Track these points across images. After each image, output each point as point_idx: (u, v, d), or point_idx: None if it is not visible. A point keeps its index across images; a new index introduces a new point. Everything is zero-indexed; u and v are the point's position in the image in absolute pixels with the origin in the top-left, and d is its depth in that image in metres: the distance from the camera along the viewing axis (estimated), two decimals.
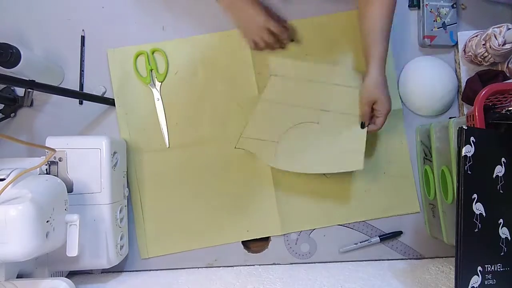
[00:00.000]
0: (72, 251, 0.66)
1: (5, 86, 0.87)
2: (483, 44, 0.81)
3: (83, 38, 0.90)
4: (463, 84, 0.87)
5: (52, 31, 0.90)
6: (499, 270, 0.63)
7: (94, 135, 0.88)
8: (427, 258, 0.87)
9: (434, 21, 0.87)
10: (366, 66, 0.78)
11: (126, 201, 0.85)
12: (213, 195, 0.88)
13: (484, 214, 0.62)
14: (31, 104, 0.88)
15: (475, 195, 0.62)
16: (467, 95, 0.85)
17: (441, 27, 0.87)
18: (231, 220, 0.87)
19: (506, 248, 0.64)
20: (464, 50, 0.87)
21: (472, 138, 0.62)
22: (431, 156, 0.81)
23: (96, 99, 0.85)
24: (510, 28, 0.78)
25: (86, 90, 0.89)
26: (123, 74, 0.89)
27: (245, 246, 0.88)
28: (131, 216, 0.87)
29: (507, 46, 0.79)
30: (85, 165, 0.76)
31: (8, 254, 0.57)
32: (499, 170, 0.65)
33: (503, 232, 0.64)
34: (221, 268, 0.87)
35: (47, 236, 0.60)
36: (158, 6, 0.89)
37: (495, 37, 0.79)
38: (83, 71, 0.90)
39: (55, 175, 0.74)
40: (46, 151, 0.72)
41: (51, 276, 0.76)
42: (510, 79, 0.83)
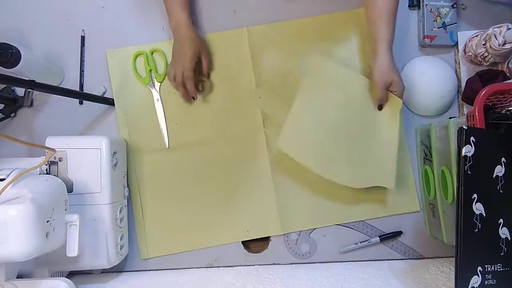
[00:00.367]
0: (72, 251, 0.66)
1: (5, 86, 0.87)
2: (483, 44, 0.81)
3: (83, 38, 0.90)
4: (463, 84, 0.87)
5: (52, 31, 0.90)
6: (499, 270, 0.63)
7: (94, 135, 0.88)
8: (427, 258, 0.87)
9: (434, 21, 0.87)
10: (375, 51, 0.78)
11: (126, 201, 0.85)
12: (213, 195, 0.88)
13: (484, 214, 0.62)
14: (31, 104, 0.88)
15: (475, 195, 0.62)
16: (467, 95, 0.85)
17: (441, 27, 0.87)
18: (231, 220, 0.87)
19: (506, 248, 0.64)
20: (464, 50, 0.87)
21: (472, 138, 0.62)
22: (431, 156, 0.81)
23: (96, 99, 0.85)
24: (510, 28, 0.78)
25: (86, 90, 0.89)
26: (123, 74, 0.89)
27: (245, 246, 0.88)
28: (131, 216, 0.87)
29: (507, 46, 0.79)
30: (85, 165, 0.76)
31: (8, 254, 0.57)
32: (499, 170, 0.65)
33: (503, 232, 0.64)
34: (221, 268, 0.87)
35: (47, 236, 0.60)
36: (158, 6, 0.89)
37: (495, 37, 0.79)
38: (83, 71, 0.90)
39: (55, 175, 0.74)
40: (46, 151, 0.72)
41: (51, 276, 0.76)
42: (510, 79, 0.83)
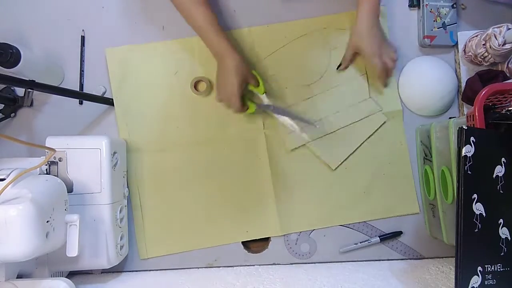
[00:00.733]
0: (72, 251, 0.66)
1: (5, 86, 0.87)
2: (483, 44, 0.81)
3: (83, 38, 0.90)
4: (463, 84, 0.87)
5: (52, 31, 0.90)
6: (499, 270, 0.63)
7: (94, 135, 0.88)
8: (427, 258, 0.87)
9: (434, 21, 0.87)
10: (356, 13, 0.81)
11: (126, 201, 0.85)
12: (212, 196, 0.88)
13: (484, 214, 0.62)
14: (31, 104, 0.88)
15: (475, 195, 0.62)
16: (467, 95, 0.85)
17: (441, 27, 0.87)
18: (230, 220, 0.87)
19: (506, 248, 0.64)
20: (464, 50, 0.87)
21: (472, 138, 0.62)
22: (431, 156, 0.81)
23: (96, 99, 0.85)
24: (510, 28, 0.78)
25: (86, 90, 0.89)
26: (122, 73, 0.88)
27: (245, 247, 0.88)
28: (131, 216, 0.87)
29: (507, 46, 0.79)
30: (85, 165, 0.76)
31: (8, 254, 0.57)
32: (499, 170, 0.65)
33: (503, 232, 0.64)
34: (221, 268, 0.87)
35: (47, 236, 0.60)
36: (158, 6, 0.89)
37: (495, 37, 0.79)
38: (83, 71, 0.90)
39: (55, 175, 0.74)
40: (46, 151, 0.72)
41: (51, 276, 0.76)
42: (510, 79, 0.83)
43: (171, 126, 0.88)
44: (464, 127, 0.62)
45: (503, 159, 0.65)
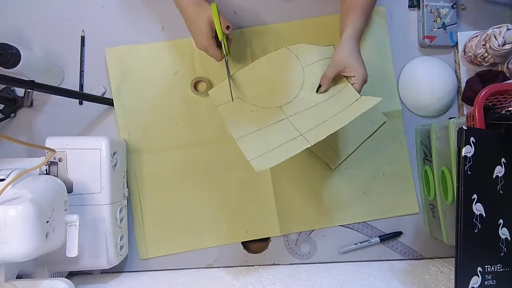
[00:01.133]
0: (72, 251, 0.66)
1: (5, 86, 0.87)
2: (483, 45, 0.82)
3: (83, 38, 0.90)
4: (463, 85, 0.87)
5: (52, 31, 0.90)
6: (499, 270, 0.63)
7: (94, 135, 0.88)
8: (427, 259, 0.87)
9: (434, 21, 0.87)
10: (340, 36, 0.76)
11: (126, 201, 0.85)
12: (212, 196, 0.88)
13: (484, 215, 0.62)
14: (31, 104, 0.88)
15: (475, 196, 0.62)
16: (467, 96, 0.86)
17: (441, 28, 0.87)
18: (230, 221, 0.87)
19: (506, 249, 0.64)
20: (464, 51, 0.87)
21: (472, 139, 0.62)
22: (431, 157, 0.81)
23: (96, 99, 0.85)
24: (510, 29, 0.78)
25: (86, 90, 0.89)
26: (122, 73, 0.88)
27: (244, 247, 0.88)
28: (131, 217, 0.87)
29: (507, 47, 0.79)
30: (85, 165, 0.76)
31: (8, 254, 0.57)
32: (499, 171, 0.65)
33: (503, 232, 0.64)
34: (221, 268, 0.87)
35: (47, 237, 0.60)
36: (158, 6, 0.89)
37: (495, 37, 0.79)
38: (83, 71, 0.90)
39: (55, 176, 0.74)
40: (46, 151, 0.72)
41: (51, 277, 0.76)
42: (510, 79, 0.83)
43: (171, 126, 0.88)
44: (464, 127, 0.62)
45: (503, 159, 0.65)
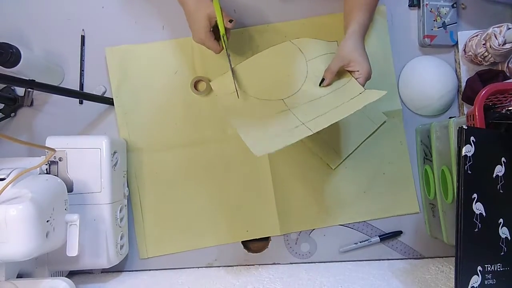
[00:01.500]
0: (72, 251, 0.66)
1: (5, 86, 0.87)
2: (483, 44, 0.81)
3: (83, 38, 0.90)
4: (463, 84, 0.87)
5: (52, 31, 0.90)
6: (499, 270, 0.63)
7: (94, 135, 0.88)
8: (427, 258, 0.87)
9: (434, 20, 0.87)
10: (344, 32, 0.76)
11: (126, 200, 0.85)
12: (212, 195, 0.88)
13: (484, 214, 0.62)
14: (31, 104, 0.88)
15: (475, 195, 0.62)
16: (467, 95, 0.85)
17: (441, 27, 0.87)
18: (230, 220, 0.87)
19: (506, 248, 0.64)
20: (464, 50, 0.87)
21: (472, 138, 0.62)
22: (431, 156, 0.81)
23: (96, 99, 0.85)
24: (510, 28, 0.78)
25: (86, 90, 0.89)
26: (122, 73, 0.88)
27: (245, 246, 0.88)
28: (131, 216, 0.87)
29: (507, 46, 0.79)
30: (85, 165, 0.76)
31: (8, 254, 0.57)
32: (499, 170, 0.65)
33: (503, 232, 0.64)
34: (221, 268, 0.87)
35: (47, 236, 0.60)
36: (158, 6, 0.89)
37: (495, 36, 0.79)
38: (83, 71, 0.90)
39: (55, 175, 0.74)
40: (46, 151, 0.72)
41: (51, 276, 0.76)
42: (510, 78, 0.83)
43: (171, 126, 0.88)
44: (464, 126, 0.62)
45: (503, 159, 0.65)
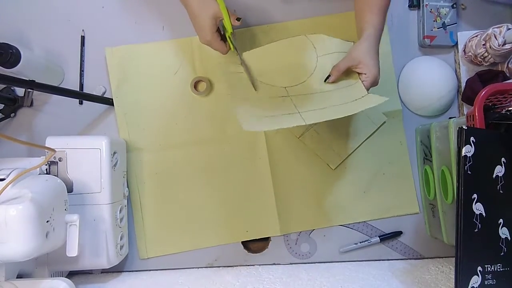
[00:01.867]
0: (72, 251, 0.66)
1: (5, 86, 0.87)
2: (483, 44, 0.82)
3: (83, 38, 0.90)
4: (463, 84, 0.87)
5: (52, 31, 0.90)
6: (499, 270, 0.63)
7: (94, 135, 0.88)
8: (427, 258, 0.87)
9: (434, 21, 0.87)
10: (358, 34, 0.75)
11: (126, 201, 0.85)
12: (212, 195, 0.88)
13: (484, 214, 0.62)
14: (31, 104, 0.88)
15: (475, 195, 0.62)
16: (467, 95, 0.86)
17: (441, 27, 0.87)
18: (230, 220, 0.87)
19: (506, 248, 0.64)
20: (464, 50, 0.87)
21: (472, 138, 0.62)
22: (431, 156, 0.81)
23: (96, 99, 0.85)
24: (510, 28, 0.78)
25: (86, 90, 0.89)
26: (122, 73, 0.88)
27: (245, 247, 0.88)
28: (131, 216, 0.87)
29: (507, 46, 0.79)
30: (85, 165, 0.76)
31: (8, 254, 0.57)
32: (499, 170, 0.65)
33: (503, 232, 0.64)
34: (221, 268, 0.87)
35: (47, 236, 0.60)
36: (158, 6, 0.89)
37: (495, 37, 0.79)
38: (83, 71, 0.90)
39: (55, 175, 0.74)
40: (46, 151, 0.72)
41: (51, 276, 0.76)
42: (510, 79, 0.83)
43: (171, 126, 0.88)
44: (464, 127, 0.62)
45: (503, 159, 0.65)
